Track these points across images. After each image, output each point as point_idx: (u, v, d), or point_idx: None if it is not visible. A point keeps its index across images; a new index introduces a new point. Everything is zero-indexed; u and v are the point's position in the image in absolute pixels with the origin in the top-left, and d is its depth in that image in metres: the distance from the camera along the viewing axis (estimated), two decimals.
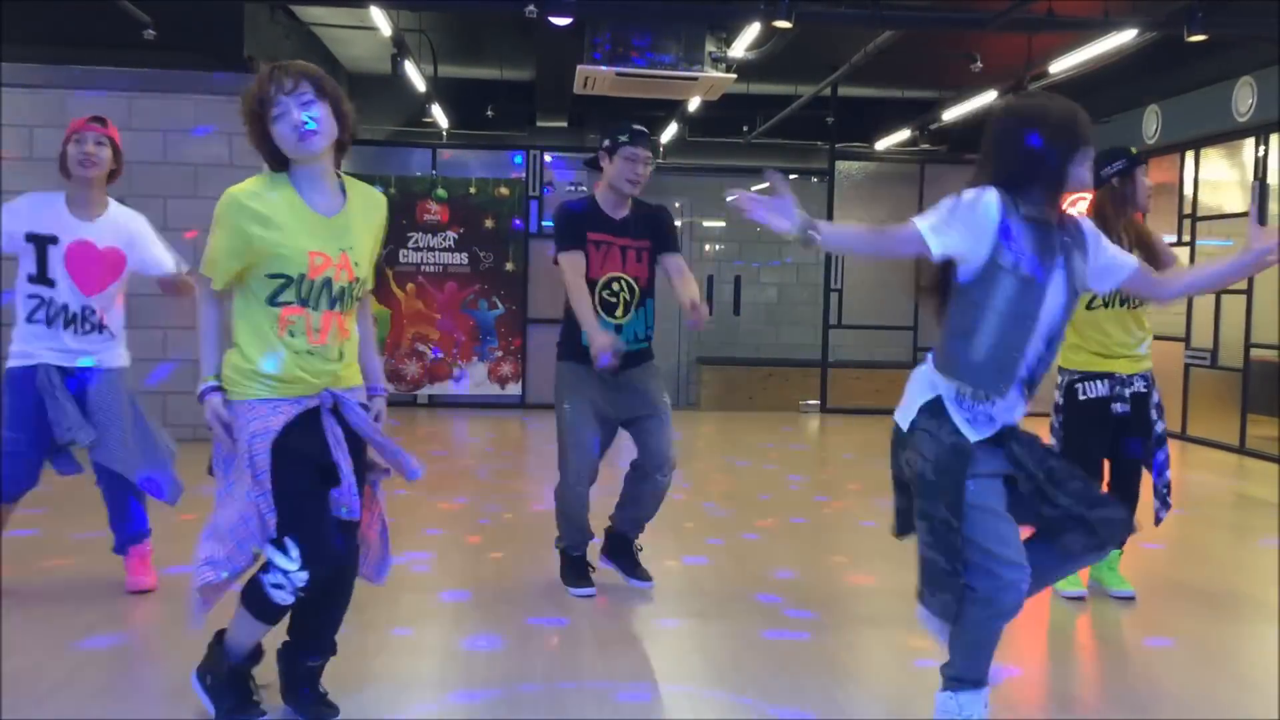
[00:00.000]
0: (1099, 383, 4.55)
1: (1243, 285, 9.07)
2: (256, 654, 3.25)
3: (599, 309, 4.44)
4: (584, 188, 11.72)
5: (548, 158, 11.46)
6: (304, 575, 2.95)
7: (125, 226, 4.32)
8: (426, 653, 3.88)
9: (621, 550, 4.75)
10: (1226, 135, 9.67)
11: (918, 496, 3.03)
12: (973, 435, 2.97)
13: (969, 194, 2.94)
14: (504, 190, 11.10)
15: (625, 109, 11.67)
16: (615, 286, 4.51)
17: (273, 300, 2.99)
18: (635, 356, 4.54)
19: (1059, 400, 4.68)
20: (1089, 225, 3.16)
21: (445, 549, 5.36)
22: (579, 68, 8.44)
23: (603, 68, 8.33)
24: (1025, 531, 3.10)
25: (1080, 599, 4.67)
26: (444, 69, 11.76)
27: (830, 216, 11.64)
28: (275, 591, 2.99)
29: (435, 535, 5.60)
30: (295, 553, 2.95)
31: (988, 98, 10.61)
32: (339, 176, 3.10)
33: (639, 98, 9.69)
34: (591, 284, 4.45)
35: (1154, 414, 4.59)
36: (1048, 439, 4.25)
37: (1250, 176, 9.36)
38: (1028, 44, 9.36)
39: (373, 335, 3.36)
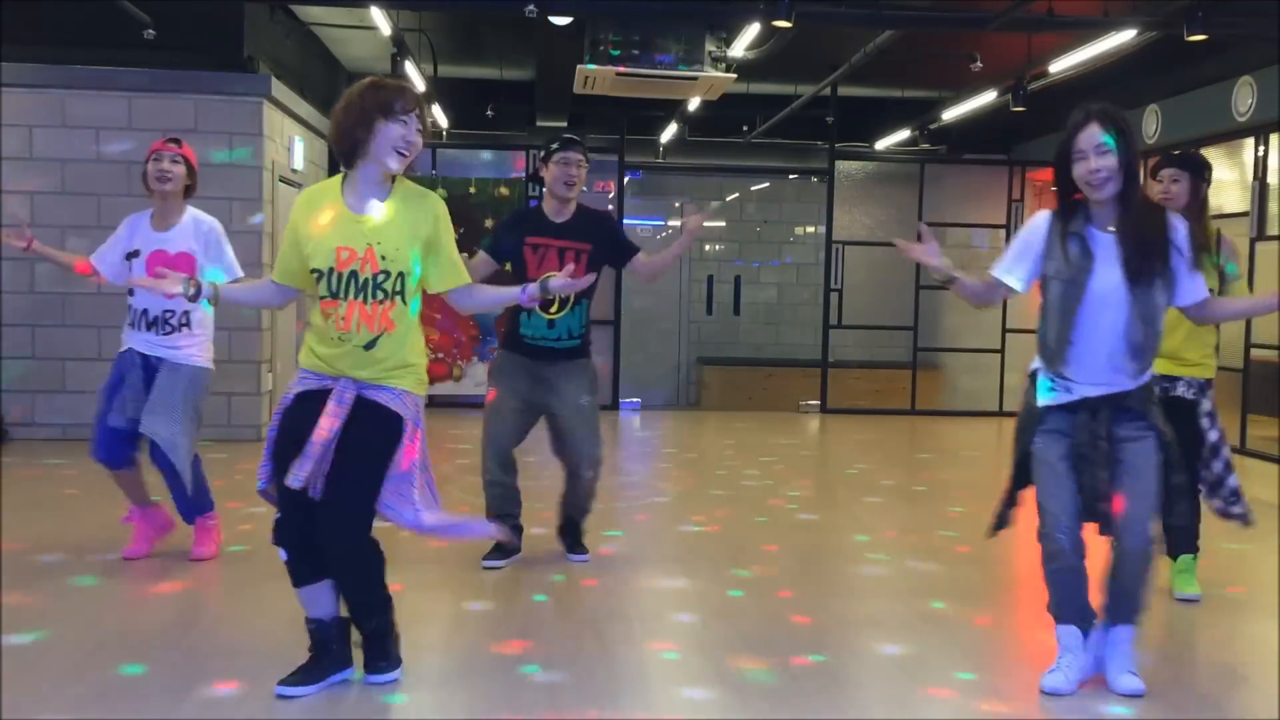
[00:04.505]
0: None
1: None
2: (328, 619, 3.43)
3: (538, 307, 4.79)
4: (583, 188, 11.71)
5: None
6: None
7: (199, 231, 4.84)
8: (427, 654, 3.88)
9: (568, 530, 5.26)
10: (1226, 135, 9.66)
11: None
12: (1045, 400, 3.59)
13: (1026, 225, 3.64)
14: (504, 190, 11.09)
15: (625, 109, 11.71)
16: None
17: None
18: (566, 353, 4.99)
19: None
20: (1180, 235, 3.56)
21: (445, 551, 5.36)
22: (579, 68, 8.43)
23: (602, 67, 8.32)
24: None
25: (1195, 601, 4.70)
26: (444, 69, 11.75)
27: (830, 216, 11.68)
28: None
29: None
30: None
31: (988, 97, 10.62)
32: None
33: (639, 97, 9.69)
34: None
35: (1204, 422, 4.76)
36: None
37: (1250, 176, 9.36)
38: (1028, 44, 9.36)
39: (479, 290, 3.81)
